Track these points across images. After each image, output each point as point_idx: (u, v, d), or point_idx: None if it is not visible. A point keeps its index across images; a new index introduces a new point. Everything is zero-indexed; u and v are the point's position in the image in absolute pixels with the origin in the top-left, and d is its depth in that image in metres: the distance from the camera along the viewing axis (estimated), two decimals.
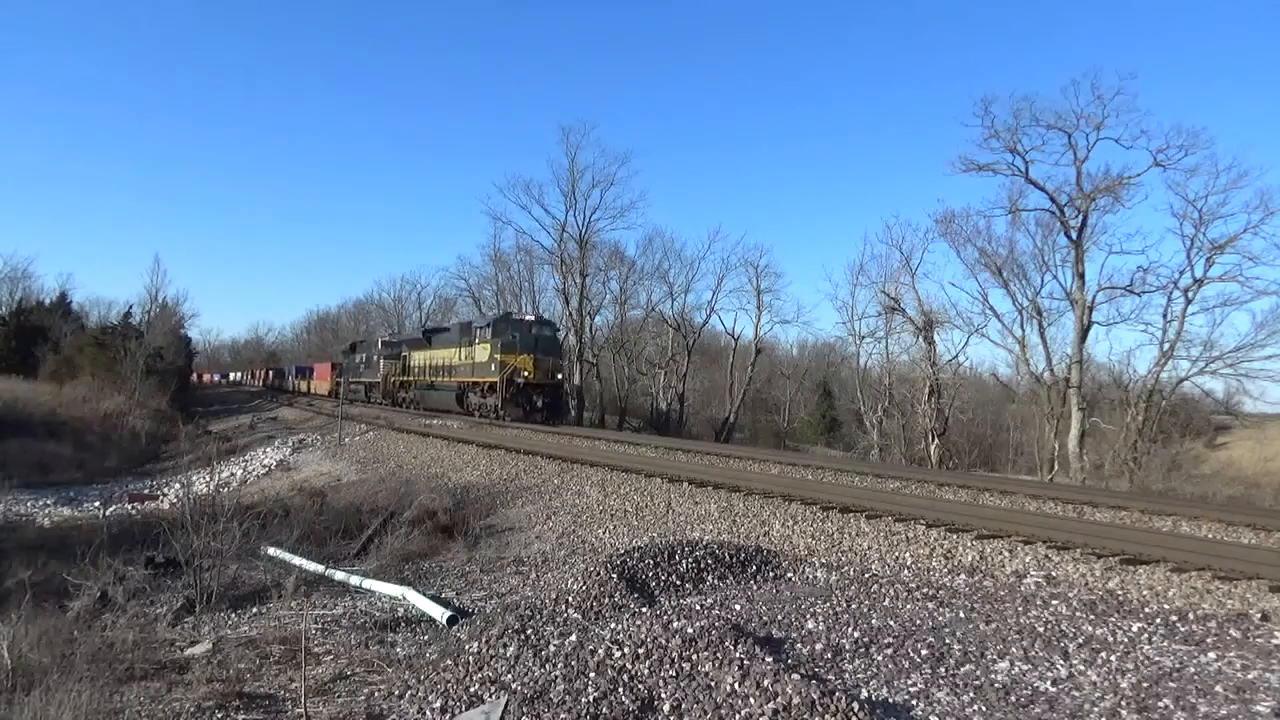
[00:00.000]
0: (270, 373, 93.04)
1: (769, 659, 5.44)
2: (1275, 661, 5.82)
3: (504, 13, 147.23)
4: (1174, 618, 7.03)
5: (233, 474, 24.16)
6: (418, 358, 40.15)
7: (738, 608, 7.43)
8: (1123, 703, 5.06)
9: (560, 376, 32.87)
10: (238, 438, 34.88)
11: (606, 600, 7.68)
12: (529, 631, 6.76)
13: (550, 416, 30.43)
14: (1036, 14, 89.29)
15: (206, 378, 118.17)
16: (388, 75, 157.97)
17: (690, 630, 6.05)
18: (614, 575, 8.28)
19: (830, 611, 7.19)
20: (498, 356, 30.46)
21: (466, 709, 5.54)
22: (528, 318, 33.80)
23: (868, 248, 40.52)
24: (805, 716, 4.60)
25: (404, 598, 9.37)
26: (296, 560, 11.50)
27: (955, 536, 9.74)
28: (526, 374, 30.07)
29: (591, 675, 5.47)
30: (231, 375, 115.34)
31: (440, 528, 13.15)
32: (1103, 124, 29.84)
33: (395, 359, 43.88)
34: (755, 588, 8.51)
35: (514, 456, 19.23)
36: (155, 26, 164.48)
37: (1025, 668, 5.73)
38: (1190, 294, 28.39)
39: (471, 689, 5.80)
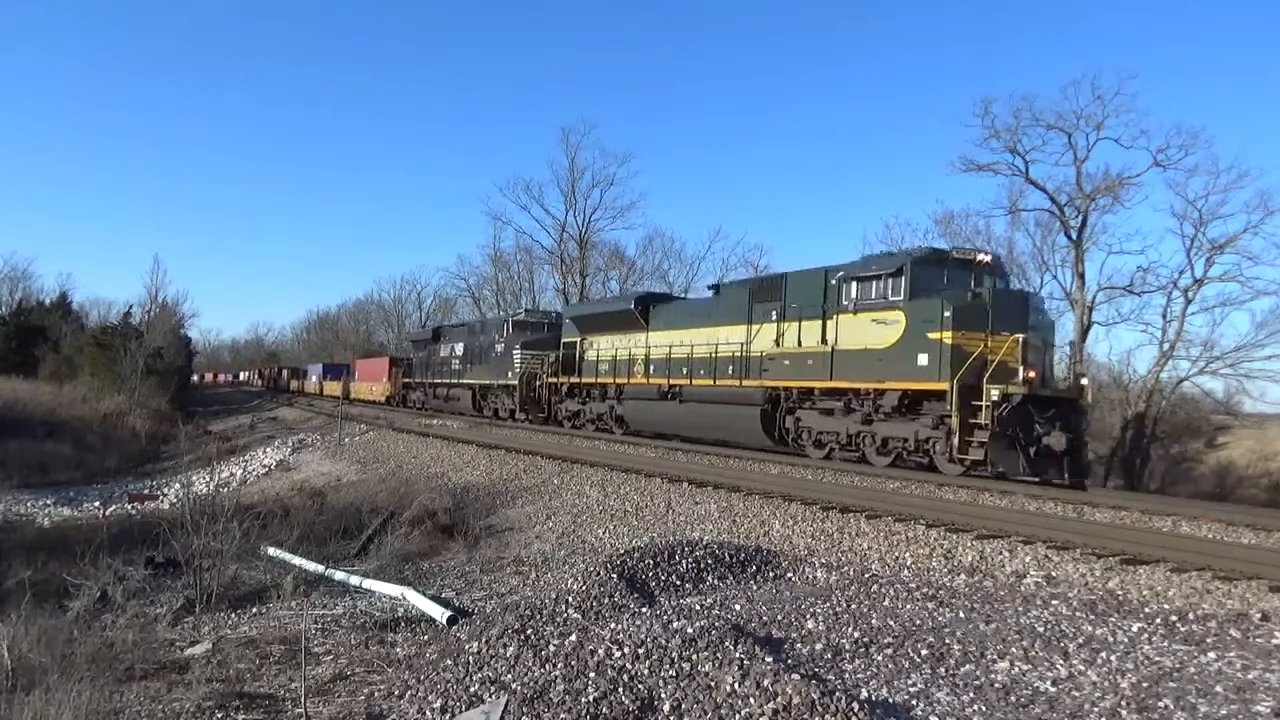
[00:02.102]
0: (282, 372, 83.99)
1: (769, 659, 5.43)
2: (1275, 661, 5.82)
3: (504, 12, 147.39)
4: (1174, 618, 7.03)
5: (233, 474, 24.15)
6: (619, 344, 23.79)
7: (738, 608, 7.42)
8: (1123, 703, 5.06)
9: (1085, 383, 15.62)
10: (238, 438, 34.88)
11: (606, 600, 7.68)
12: (529, 631, 6.76)
13: (1075, 472, 14.24)
14: (1037, 14, 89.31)
15: (210, 378, 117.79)
16: (388, 75, 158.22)
17: (690, 630, 6.05)
18: (614, 575, 8.28)
19: (830, 611, 7.19)
20: (937, 337, 14.23)
21: (466, 709, 5.54)
22: (983, 257, 16.25)
23: (867, 248, 40.51)
24: (805, 716, 4.59)
25: (404, 598, 9.37)
26: (296, 560, 11.50)
27: (955, 536, 9.74)
28: (1019, 379, 13.81)
29: (591, 675, 5.47)
30: (242, 375, 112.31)
31: (440, 528, 13.16)
32: (1103, 124, 29.73)
33: (543, 347, 28.64)
34: (755, 588, 8.50)
35: (514, 456, 19.23)
36: (155, 26, 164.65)
37: (1025, 668, 5.72)
38: (1190, 294, 28.31)
39: (471, 689, 5.80)
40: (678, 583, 8.54)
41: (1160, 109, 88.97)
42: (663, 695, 5.16)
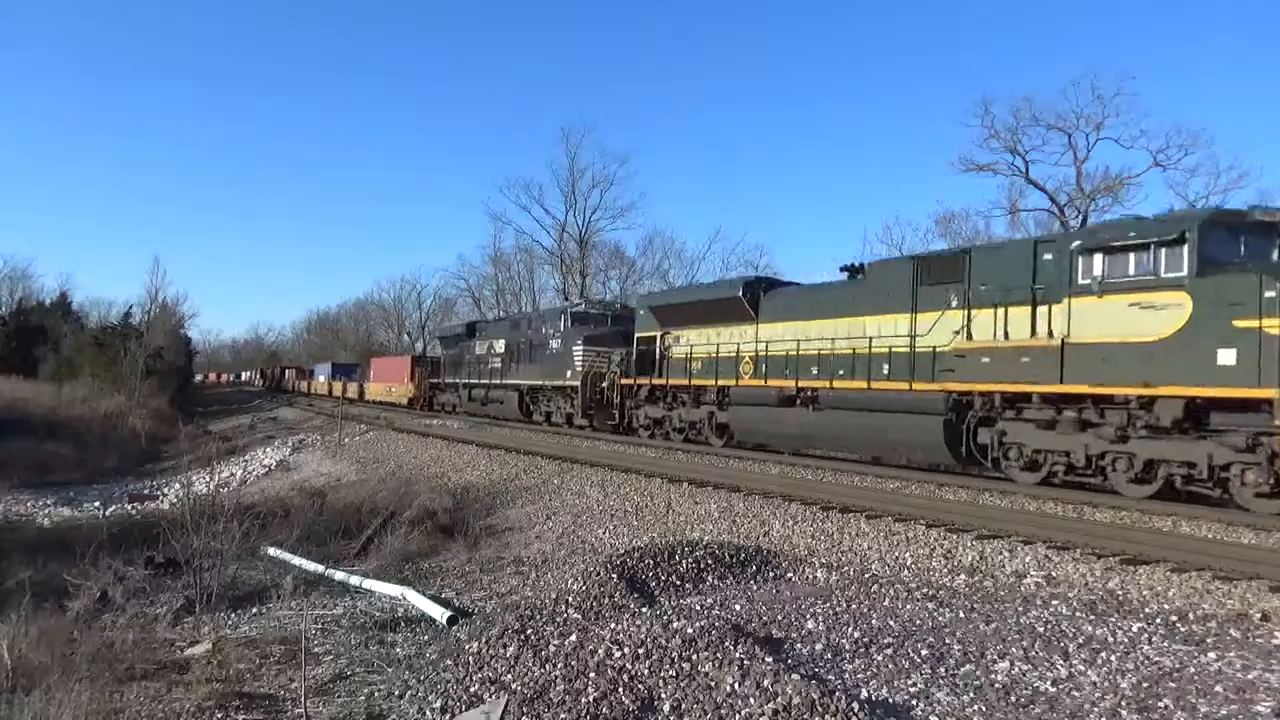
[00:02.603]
0: (285, 372, 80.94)
1: (769, 659, 5.44)
2: (1275, 661, 5.82)
3: (504, 12, 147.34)
4: (1174, 618, 7.03)
5: (233, 474, 24.15)
6: (719, 339, 19.87)
7: (738, 608, 7.42)
8: (1123, 703, 5.06)
9: None
10: (238, 438, 34.87)
11: (606, 600, 7.68)
12: (529, 631, 6.76)
13: None
14: (1037, 14, 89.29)
15: (215, 378, 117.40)
16: (387, 75, 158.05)
17: (690, 630, 6.05)
18: (614, 575, 8.28)
19: (830, 612, 7.19)
20: (1252, 325, 10.46)
21: (466, 709, 5.54)
22: None
23: (867, 248, 40.46)
24: (805, 716, 4.60)
25: (404, 598, 9.37)
26: (296, 560, 11.51)
27: (955, 536, 9.74)
28: None
29: (591, 675, 5.47)
30: (244, 375, 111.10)
31: (440, 528, 13.15)
32: (1103, 124, 29.84)
33: (610, 343, 24.74)
34: (755, 588, 8.50)
35: (514, 456, 19.23)
36: (155, 26, 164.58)
37: (1025, 668, 5.73)
38: None
39: (471, 689, 5.80)
40: (678, 583, 8.54)
41: (1160, 109, 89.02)
42: (663, 695, 5.16)
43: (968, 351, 13.84)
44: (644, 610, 7.35)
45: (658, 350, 21.97)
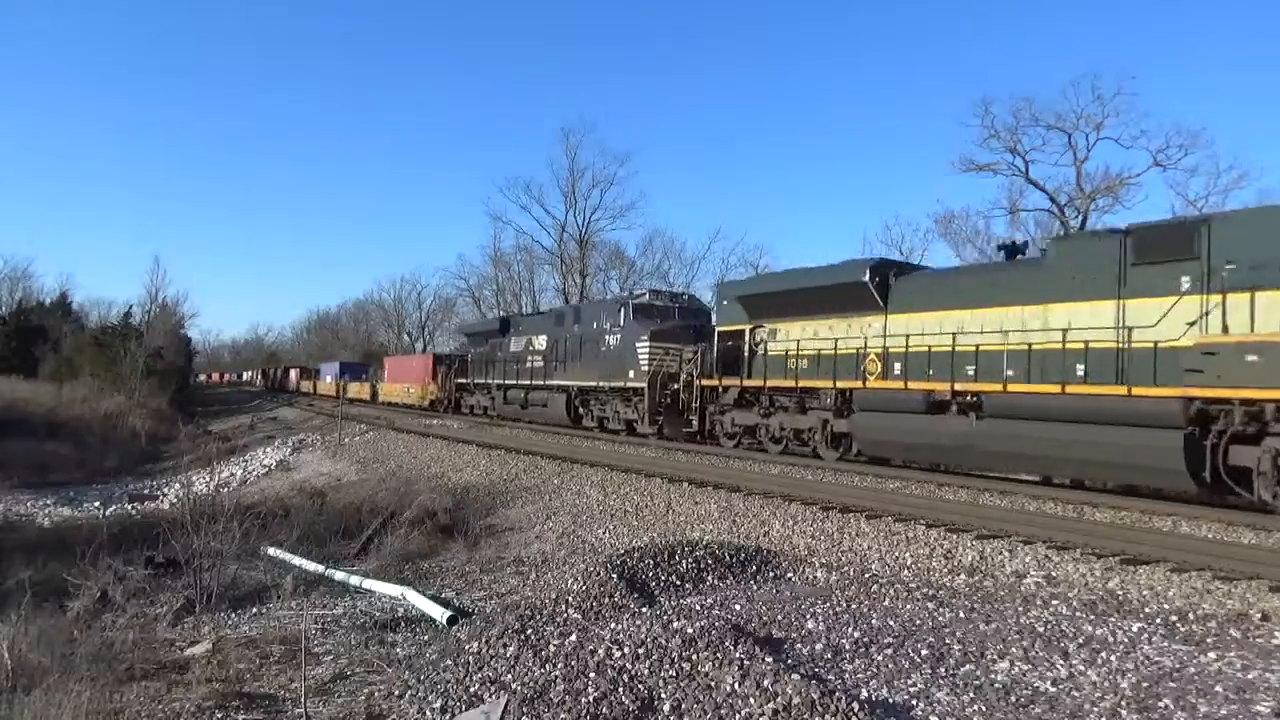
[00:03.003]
0: (290, 372, 77.16)
1: (769, 659, 5.44)
2: (1275, 661, 5.82)
3: (503, 11, 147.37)
4: (1174, 618, 7.04)
5: (233, 474, 24.17)
6: (834, 332, 16.90)
7: (738, 608, 7.43)
8: (1123, 703, 5.06)
9: None
10: (237, 438, 34.90)
11: (606, 600, 7.68)
12: (529, 631, 6.76)
13: None
14: (1037, 13, 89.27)
15: (217, 378, 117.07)
16: (387, 74, 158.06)
17: (690, 630, 6.05)
18: (614, 575, 8.28)
19: (830, 612, 7.20)
20: None
21: (466, 709, 5.54)
22: None
23: (867, 247, 40.50)
24: (805, 716, 4.60)
25: (404, 598, 9.37)
26: (296, 560, 11.51)
27: (955, 536, 9.74)
28: None
29: (591, 675, 5.47)
30: (245, 375, 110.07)
31: (440, 528, 13.16)
32: (1103, 124, 29.82)
33: (679, 338, 21.86)
34: (755, 588, 8.50)
35: (514, 456, 19.24)
36: (155, 24, 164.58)
37: (1025, 668, 5.73)
38: None
39: (471, 689, 5.80)
40: (678, 583, 8.54)
41: (1161, 108, 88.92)
42: (663, 695, 5.16)
43: (1221, 347, 10.77)
44: (644, 610, 7.35)
45: (746, 346, 18.74)
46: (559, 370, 26.38)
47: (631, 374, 22.26)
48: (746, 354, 18.75)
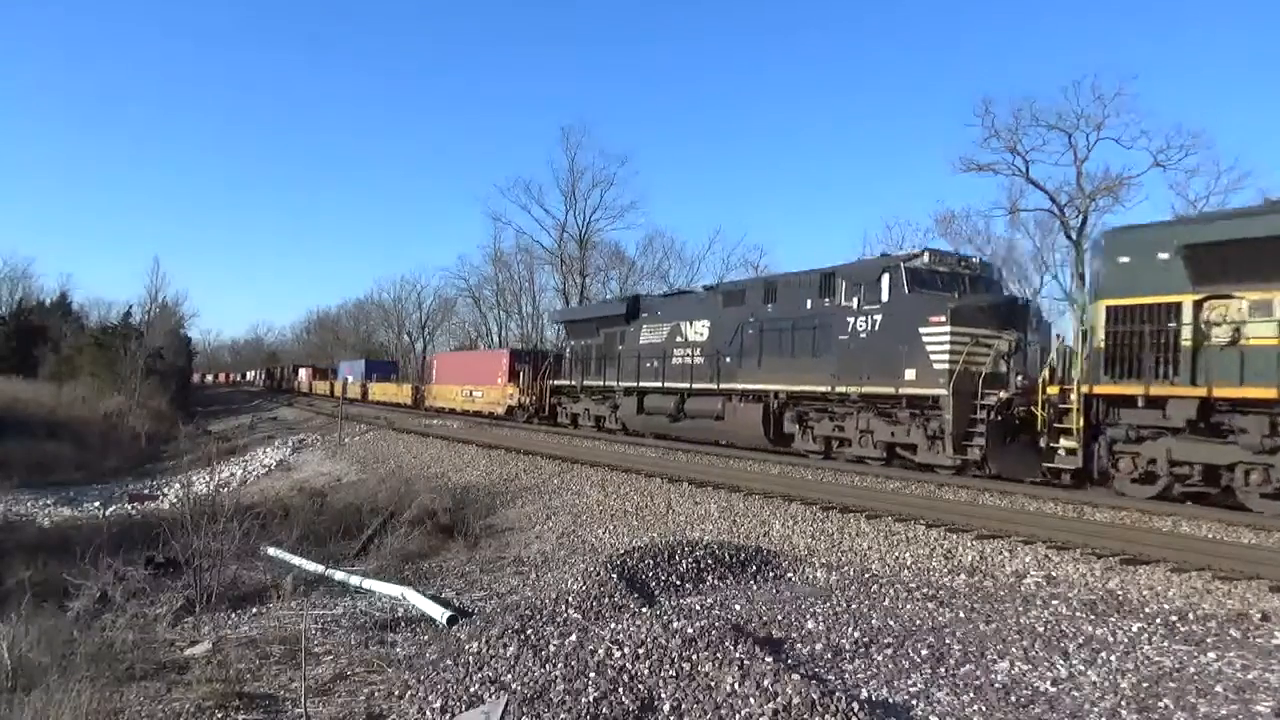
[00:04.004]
0: (299, 371, 73.31)
1: (769, 659, 5.44)
2: (1275, 661, 5.83)
3: (503, 11, 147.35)
4: (1174, 618, 7.04)
5: (233, 474, 24.18)
6: None
7: (738, 608, 7.43)
8: (1123, 703, 5.06)
9: None
10: (237, 438, 34.90)
11: (606, 600, 7.68)
12: (529, 631, 6.76)
13: None
14: (1038, 13, 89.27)
15: (222, 378, 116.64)
16: (386, 75, 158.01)
17: (690, 630, 6.05)
18: (614, 575, 8.28)
19: (830, 612, 7.20)
20: None
21: (466, 709, 5.53)
22: None
23: (867, 248, 40.44)
24: (805, 716, 4.60)
25: (404, 598, 9.37)
26: (296, 560, 11.51)
27: (955, 536, 9.74)
28: None
29: (591, 675, 5.47)
30: (248, 374, 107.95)
31: (440, 528, 13.16)
32: (1103, 124, 29.71)
33: (1004, 319, 15.11)
34: (755, 588, 8.51)
35: (514, 456, 19.24)
36: (155, 24, 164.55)
37: (1025, 668, 5.73)
38: None
39: (471, 689, 5.79)
40: (678, 583, 8.55)
41: (1161, 108, 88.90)
42: (663, 695, 5.16)
43: None
44: (644, 610, 7.35)
45: (1177, 329, 11.69)
46: (739, 367, 18.93)
47: (912, 374, 14.93)
48: (1182, 342, 11.57)
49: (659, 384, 21.94)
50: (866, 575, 8.89)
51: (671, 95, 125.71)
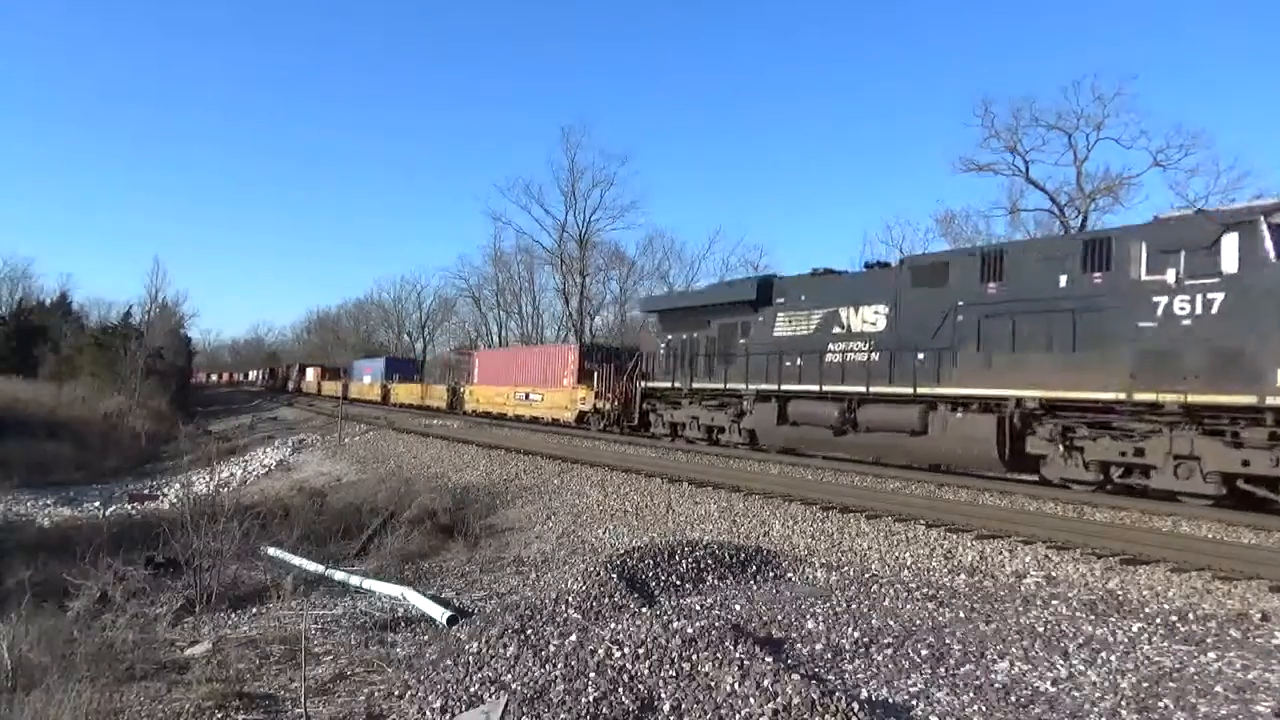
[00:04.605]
0: (305, 371, 69.16)
1: (769, 659, 5.44)
2: (1275, 661, 5.82)
3: (503, 11, 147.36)
4: (1174, 618, 7.03)
5: (232, 474, 24.18)
6: None
7: (738, 608, 7.43)
8: (1123, 703, 5.06)
9: None
10: (237, 438, 34.90)
11: (606, 600, 7.68)
12: (529, 631, 6.76)
13: None
14: (1038, 13, 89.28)
15: (224, 377, 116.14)
16: (386, 74, 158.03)
17: (690, 630, 6.05)
18: (614, 575, 8.28)
19: (830, 612, 7.20)
20: None
21: (466, 709, 5.54)
22: None
23: (868, 247, 40.45)
24: (805, 716, 4.59)
25: (404, 598, 9.37)
26: (296, 560, 11.52)
27: (955, 536, 9.74)
28: None
29: (591, 675, 5.47)
30: (251, 374, 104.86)
31: (440, 528, 13.17)
32: (1103, 124, 29.58)
33: None
34: (755, 588, 8.51)
35: (514, 456, 19.24)
36: (154, 24, 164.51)
37: (1025, 668, 5.73)
38: None
39: (471, 689, 5.80)
40: (678, 583, 8.55)
41: (1161, 108, 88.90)
42: (663, 695, 5.16)
43: None
44: (644, 610, 7.35)
45: None
46: (953, 366, 14.40)
47: None
48: None
49: (813, 387, 16.84)
50: (866, 575, 8.89)
51: (672, 95, 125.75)
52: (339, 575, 10.68)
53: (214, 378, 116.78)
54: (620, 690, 5.25)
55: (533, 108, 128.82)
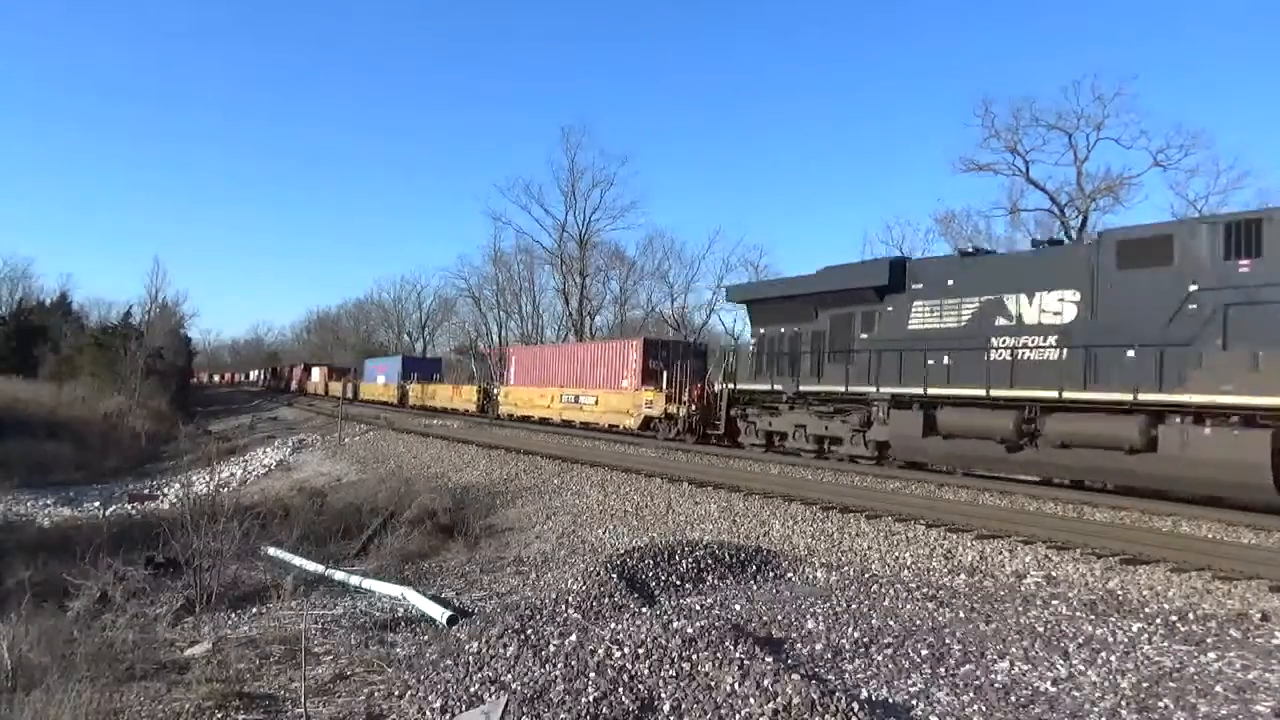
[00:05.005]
0: (311, 371, 67.12)
1: (769, 659, 5.44)
2: (1275, 661, 5.82)
3: (503, 11, 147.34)
4: (1174, 618, 7.04)
5: (233, 474, 24.18)
6: None
7: (738, 608, 7.43)
8: (1123, 703, 5.06)
9: None
10: (237, 438, 34.90)
11: (606, 600, 7.68)
12: (529, 631, 6.76)
13: None
14: (1038, 13, 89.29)
15: (226, 377, 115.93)
16: (387, 75, 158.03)
17: (690, 630, 6.04)
18: (614, 575, 8.28)
19: (830, 612, 7.20)
20: None
21: (466, 709, 5.53)
22: None
23: (868, 247, 40.38)
24: (805, 716, 4.59)
25: (404, 598, 9.37)
26: (296, 560, 11.52)
27: (955, 536, 9.74)
28: None
29: (591, 675, 5.47)
30: (252, 374, 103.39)
31: (440, 528, 13.17)
32: (1103, 124, 29.53)
33: None
34: (755, 588, 8.51)
35: (514, 456, 19.24)
36: (154, 24, 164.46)
37: (1025, 668, 5.73)
38: None
39: (471, 689, 5.80)
40: (678, 583, 8.55)
41: (1161, 109, 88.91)
42: (663, 695, 5.16)
43: None
44: (644, 610, 7.35)
45: None
46: (1197, 367, 11.40)
47: None
48: None
49: (974, 391, 13.87)
50: (866, 575, 8.89)
51: (672, 95, 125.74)
52: (339, 575, 10.68)
53: (216, 378, 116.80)
54: (620, 690, 5.24)
55: (533, 108, 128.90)
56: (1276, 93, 68.64)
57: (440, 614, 8.52)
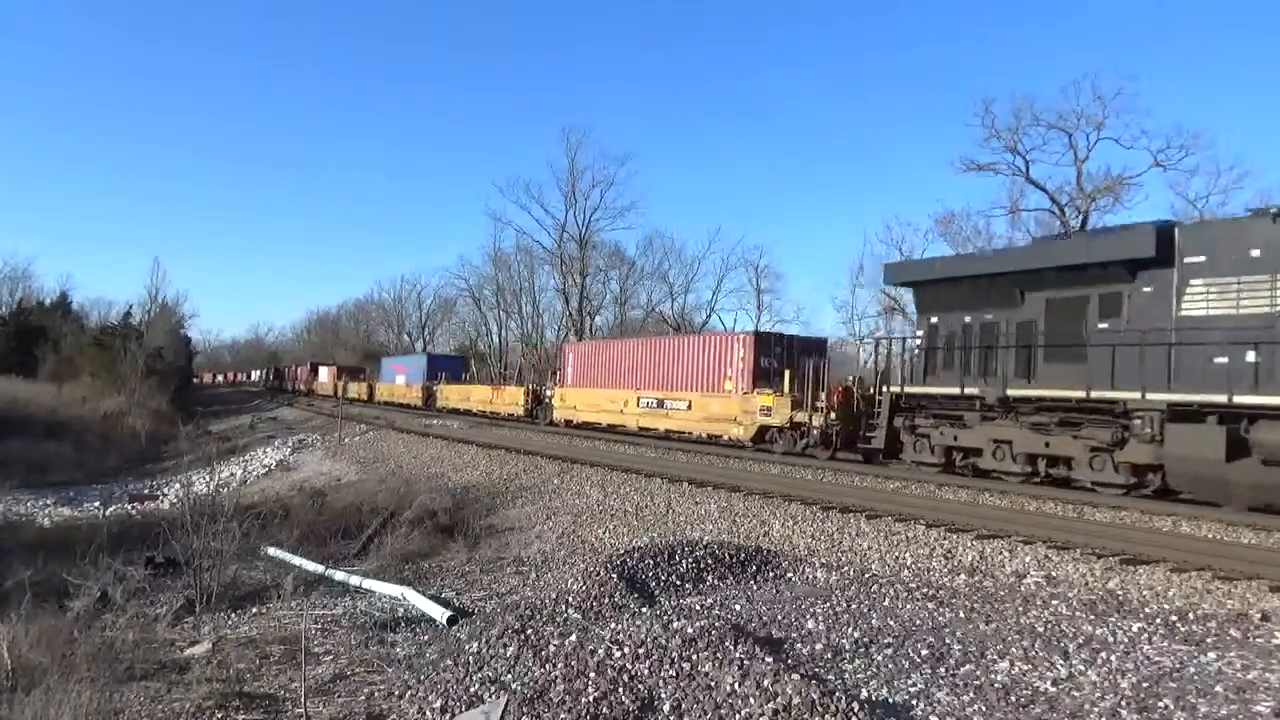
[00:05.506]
0: (317, 371, 63.97)
1: (769, 659, 5.44)
2: (1275, 661, 5.83)
3: (503, 12, 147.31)
4: (1174, 618, 7.04)
5: (233, 474, 24.16)
6: None
7: (738, 608, 7.43)
8: (1123, 703, 5.06)
9: None
10: (238, 438, 34.89)
11: (606, 600, 7.68)
12: (529, 631, 6.76)
13: None
14: (1037, 13, 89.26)
15: (227, 378, 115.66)
16: (387, 75, 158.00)
17: (690, 630, 6.05)
18: (614, 575, 8.28)
19: (830, 612, 7.20)
20: None
21: (466, 709, 5.53)
22: None
23: (868, 247, 40.23)
24: (805, 716, 4.59)
25: (404, 598, 9.37)
26: (296, 560, 11.51)
27: (955, 536, 9.75)
28: None
29: (591, 675, 5.47)
30: (253, 374, 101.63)
31: (440, 528, 13.17)
32: (1103, 124, 29.45)
33: None
34: (755, 588, 8.51)
35: (514, 456, 19.25)
36: (155, 25, 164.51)
37: (1025, 668, 5.73)
38: None
39: (471, 689, 5.79)
40: (678, 583, 8.55)
41: (1161, 109, 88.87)
42: (663, 695, 5.16)
43: None
44: (644, 610, 7.35)
45: None
46: None
47: None
48: None
49: None
50: (866, 575, 8.89)
51: (671, 95, 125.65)
52: (339, 575, 10.67)
53: (218, 378, 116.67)
54: (620, 690, 5.24)
55: (533, 108, 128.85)
56: (1276, 93, 68.62)
57: (440, 614, 8.52)
